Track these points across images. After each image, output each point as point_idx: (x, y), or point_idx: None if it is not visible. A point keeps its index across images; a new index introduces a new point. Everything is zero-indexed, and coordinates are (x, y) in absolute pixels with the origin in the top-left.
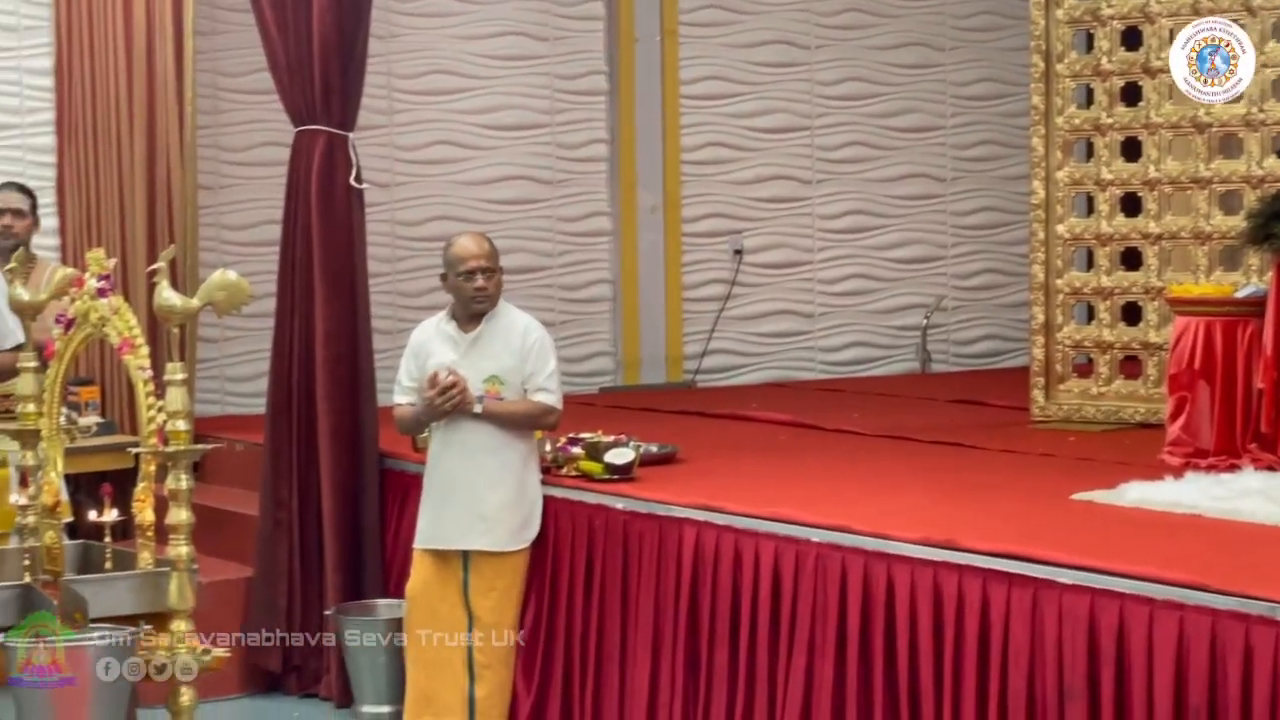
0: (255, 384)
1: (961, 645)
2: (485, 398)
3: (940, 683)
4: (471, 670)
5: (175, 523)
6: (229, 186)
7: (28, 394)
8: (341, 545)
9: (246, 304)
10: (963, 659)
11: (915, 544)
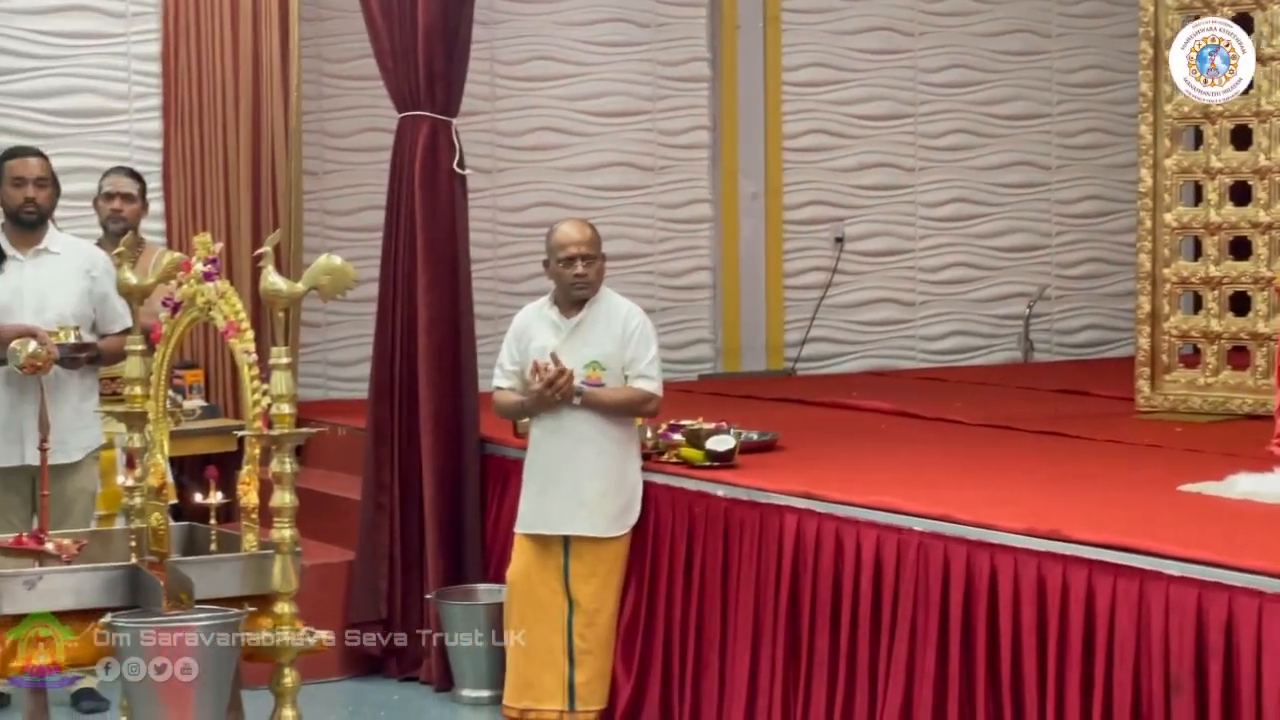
0: (358, 369)
1: (1066, 637)
2: (585, 385)
3: (1044, 675)
4: (572, 656)
5: (279, 506)
6: (333, 172)
7: (135, 377)
8: (442, 530)
9: (350, 289)
10: (1067, 651)
11: (1019, 534)
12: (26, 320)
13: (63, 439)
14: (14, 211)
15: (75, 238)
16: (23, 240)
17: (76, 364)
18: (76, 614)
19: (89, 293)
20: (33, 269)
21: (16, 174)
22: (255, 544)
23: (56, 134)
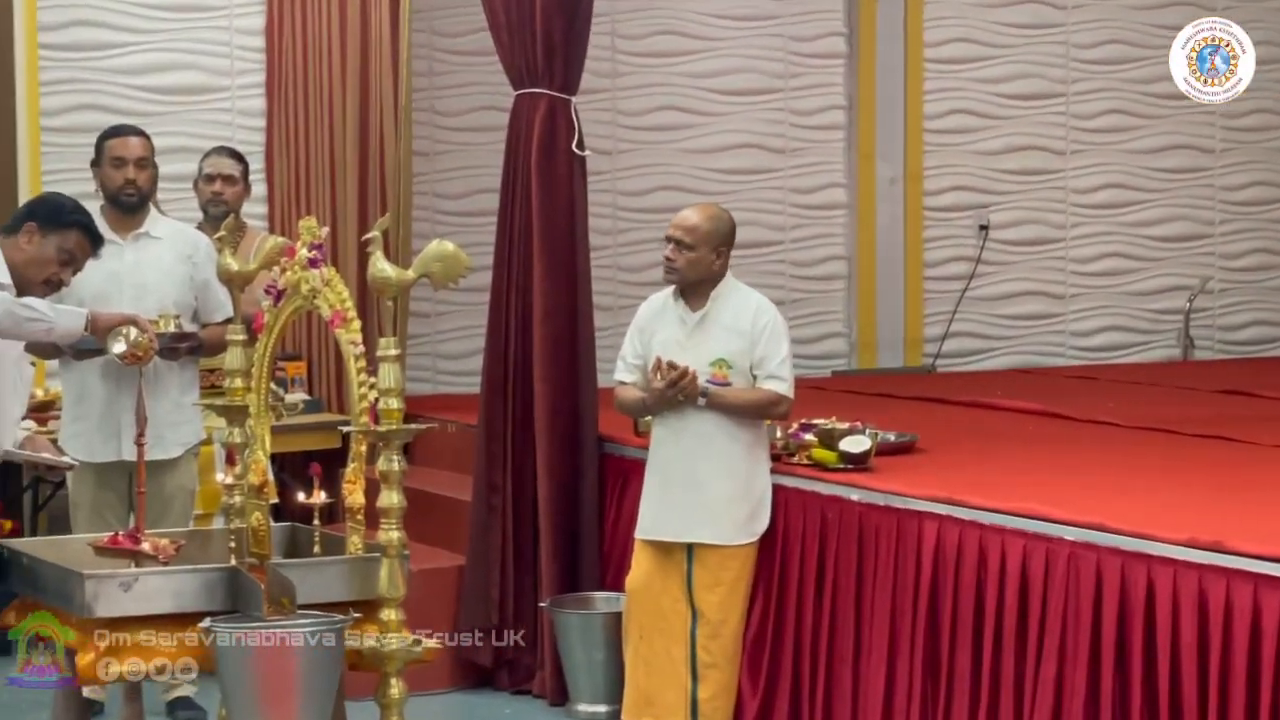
0: (469, 362)
1: (1229, 656)
2: (711, 384)
3: (1205, 696)
4: (694, 670)
5: (386, 506)
6: (444, 153)
7: (235, 369)
8: (557, 534)
9: (463, 276)
10: (1230, 670)
11: (1179, 545)
12: (125, 308)
13: (161, 434)
14: (114, 194)
15: (177, 221)
16: (122, 224)
17: (177, 355)
18: (173, 618)
19: (190, 279)
20: (132, 254)
21: (116, 154)
22: (361, 546)
23: (155, 112)
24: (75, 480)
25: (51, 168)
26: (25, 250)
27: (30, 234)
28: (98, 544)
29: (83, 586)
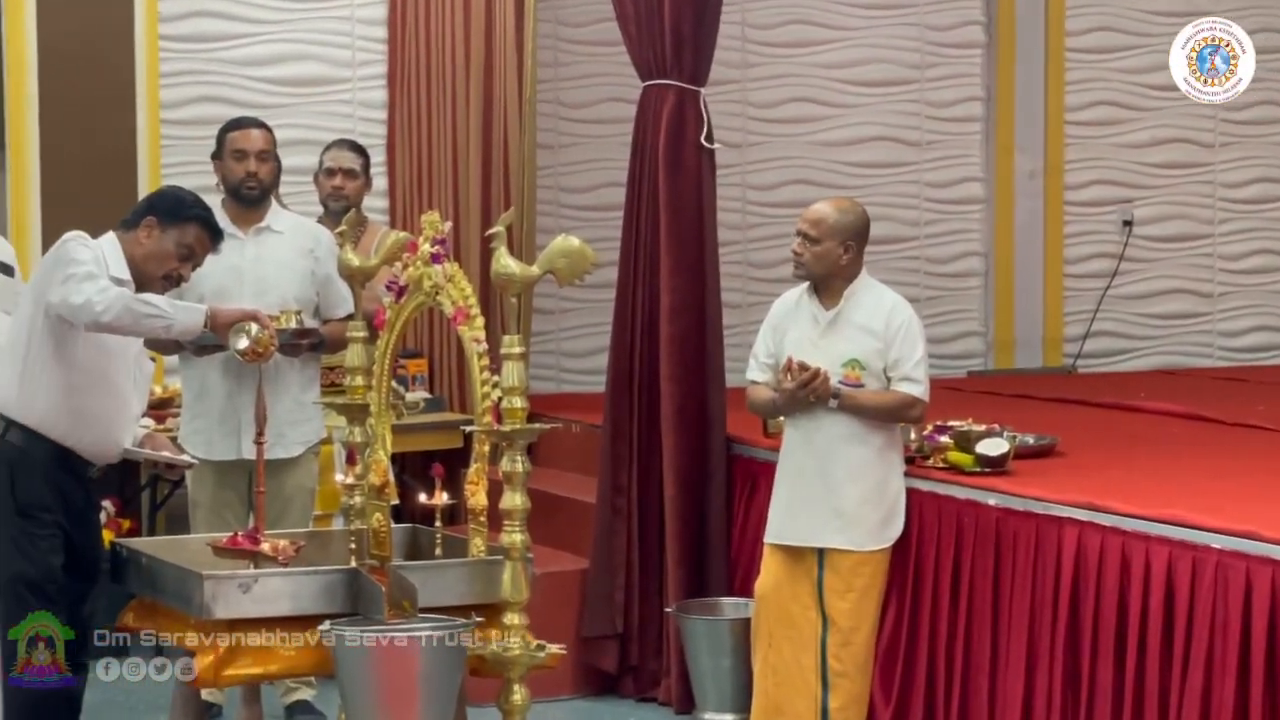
0: (594, 360)
1: None
2: (843, 385)
3: None
4: (825, 679)
5: (509, 508)
6: (569, 146)
7: (356, 366)
8: (684, 537)
9: (589, 273)
10: None
11: None
12: (245, 303)
13: (281, 432)
14: (235, 187)
15: (299, 215)
16: (243, 217)
17: (298, 351)
18: (293, 620)
19: (312, 275)
20: (253, 248)
21: (238, 146)
22: (483, 549)
23: (275, 104)
24: (194, 479)
25: (171, 161)
26: (144, 245)
27: (149, 228)
28: (216, 544)
29: (201, 588)
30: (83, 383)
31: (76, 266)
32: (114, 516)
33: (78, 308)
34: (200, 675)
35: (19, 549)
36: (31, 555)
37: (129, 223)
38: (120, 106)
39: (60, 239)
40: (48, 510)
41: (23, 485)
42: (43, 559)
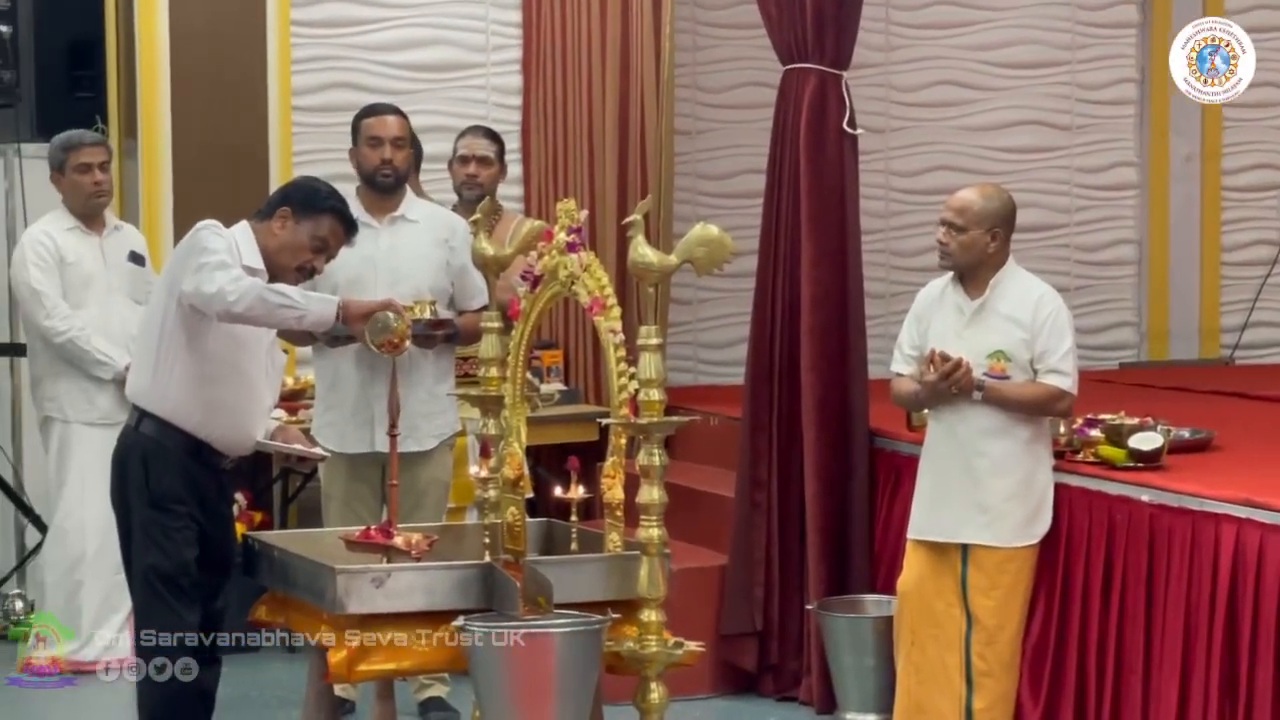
0: (732, 351)
1: None
2: (987, 378)
3: None
4: (970, 678)
5: (646, 502)
6: (707, 131)
7: (490, 357)
8: (825, 533)
9: (727, 262)
10: None
11: None
12: (379, 294)
13: (415, 424)
14: (369, 174)
15: (434, 204)
16: (378, 206)
17: (432, 343)
18: (426, 615)
19: (447, 264)
20: (388, 237)
21: (373, 133)
22: (620, 544)
23: (408, 90)
24: (327, 472)
25: (302, 148)
26: (278, 236)
27: (284, 219)
28: (349, 538)
29: (334, 582)
30: (215, 373)
31: (209, 255)
32: (246, 509)
33: (210, 297)
34: (333, 671)
35: (153, 541)
36: (165, 548)
37: (263, 213)
38: (251, 94)
39: (193, 228)
40: (181, 502)
41: (156, 477)
42: (177, 551)
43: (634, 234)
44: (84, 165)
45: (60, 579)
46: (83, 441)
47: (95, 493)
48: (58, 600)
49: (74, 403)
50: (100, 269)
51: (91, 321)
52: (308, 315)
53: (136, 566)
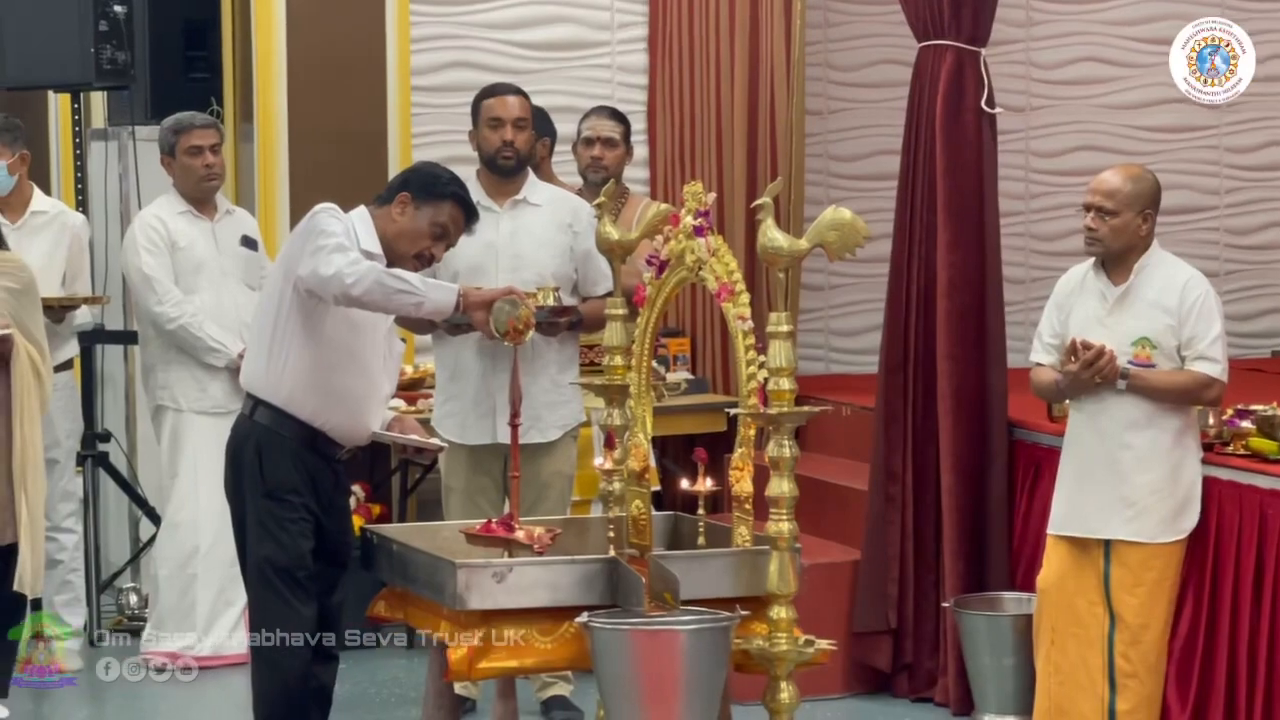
0: (865, 339)
1: None
2: (1132, 365)
3: None
4: (1113, 679)
5: (776, 495)
6: (840, 111)
7: (615, 345)
8: (962, 527)
9: (860, 246)
10: None
11: None
12: (500, 280)
13: (538, 414)
14: (490, 157)
15: (557, 187)
16: (499, 189)
17: (556, 330)
18: (549, 611)
19: (570, 250)
20: (509, 222)
21: (494, 114)
22: (749, 538)
23: (531, 69)
24: (448, 463)
25: (422, 130)
26: (397, 222)
27: (403, 205)
28: (470, 531)
29: (455, 577)
30: (331, 360)
31: (326, 238)
32: (364, 502)
33: (327, 279)
34: (453, 669)
35: (267, 532)
36: (280, 539)
37: (382, 198)
38: (370, 74)
39: (310, 211)
40: (296, 493)
41: (270, 466)
42: (292, 543)
43: (763, 217)
44: (194, 148)
45: (174, 573)
46: (195, 431)
47: (208, 484)
48: (171, 595)
49: (186, 391)
50: (212, 254)
51: (204, 307)
52: (426, 302)
53: (251, 559)
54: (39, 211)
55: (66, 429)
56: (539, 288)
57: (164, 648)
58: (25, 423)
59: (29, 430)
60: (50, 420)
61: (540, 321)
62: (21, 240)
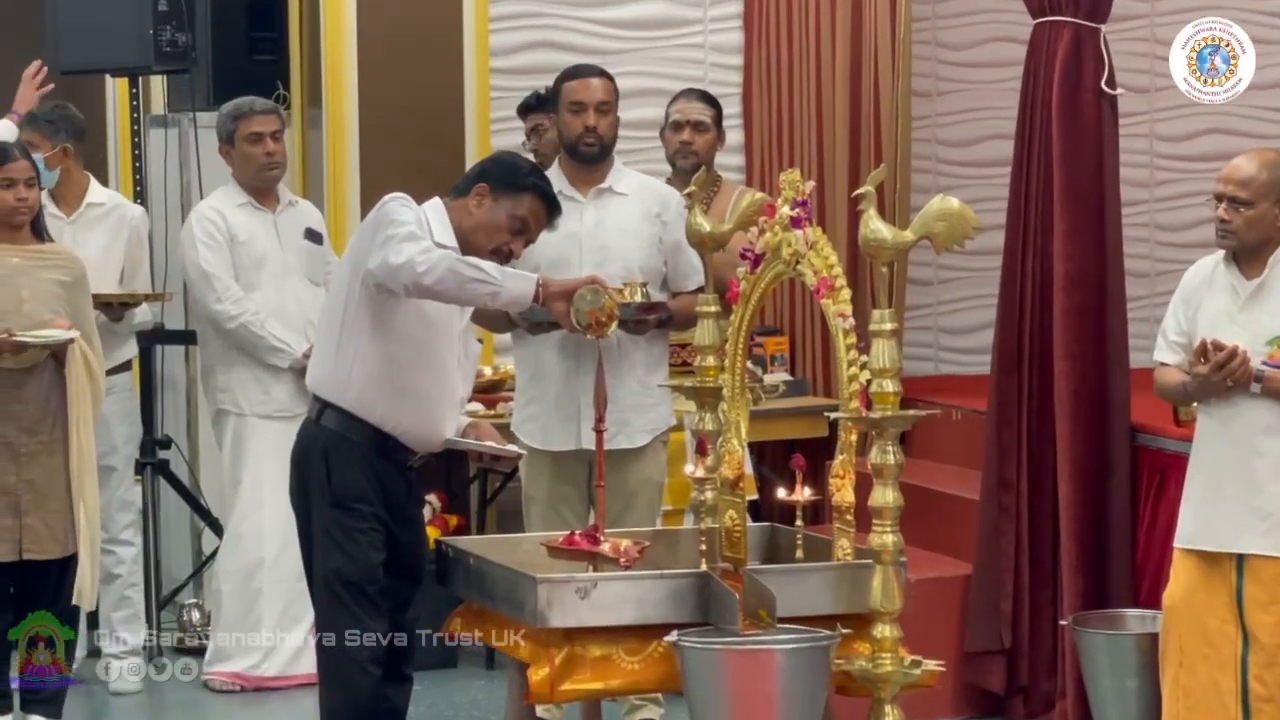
0: (976, 337)
1: None
2: (1267, 367)
3: None
4: (1246, 704)
5: (880, 505)
6: (948, 93)
7: (707, 344)
8: (1081, 539)
9: (970, 238)
10: None
11: None
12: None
13: (625, 419)
14: (572, 143)
15: (644, 175)
16: (582, 178)
17: (644, 328)
18: (636, 630)
19: (659, 241)
20: (594, 213)
21: (576, 98)
22: (850, 551)
23: (616, 49)
24: (529, 471)
25: (501, 114)
26: (474, 215)
27: (481, 197)
28: (551, 544)
29: (535, 592)
30: (402, 358)
31: (397, 227)
32: (440, 513)
33: (397, 268)
34: (534, 690)
35: (335, 543)
36: (349, 550)
37: (459, 189)
38: (446, 55)
39: (379, 202)
40: (366, 502)
41: (339, 474)
42: (362, 554)
43: (866, 207)
44: (254, 135)
45: (238, 588)
46: (258, 436)
47: (273, 492)
48: (235, 610)
49: (248, 394)
50: (274, 248)
51: (265, 305)
52: (503, 292)
53: (318, 571)
54: (95, 204)
55: (124, 434)
56: (625, 282)
57: (228, 667)
58: (81, 427)
59: (84, 435)
60: (106, 425)
61: (626, 319)
62: (77, 234)
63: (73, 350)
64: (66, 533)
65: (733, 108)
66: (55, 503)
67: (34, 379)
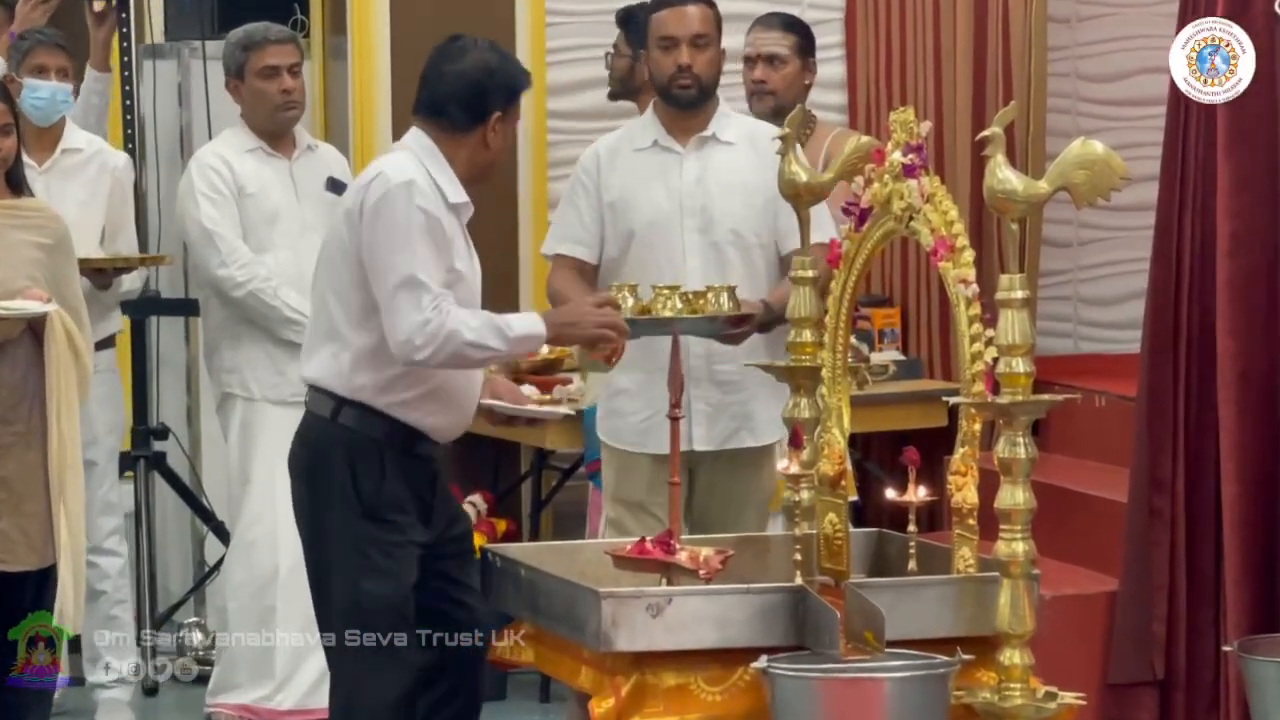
0: (1124, 309)
1: None
2: None
3: None
4: None
5: (1009, 508)
6: (1091, 19)
7: (804, 317)
8: (1250, 551)
9: (1117, 190)
10: None
11: None
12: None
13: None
14: (664, 85)
15: (747, 117)
16: (680, 125)
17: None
18: (718, 654)
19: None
20: (695, 165)
21: (667, 31)
22: (973, 562)
23: None
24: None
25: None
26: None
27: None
28: (619, 553)
29: (599, 610)
30: None
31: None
32: (486, 516)
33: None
34: None
35: (369, 561)
36: (386, 568)
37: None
38: None
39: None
40: (401, 510)
41: (365, 479)
42: (404, 574)
43: (992, 153)
44: (269, 68)
45: (247, 604)
46: (271, 425)
47: (289, 492)
48: (244, 630)
49: (259, 375)
50: (290, 201)
51: (279, 269)
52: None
53: (345, 591)
54: (72, 149)
55: (107, 423)
56: (709, 287)
57: (235, 699)
58: (63, 416)
59: (67, 425)
60: (86, 413)
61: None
62: (51, 185)
63: (52, 325)
64: (45, 541)
65: (832, 35)
66: (32, 504)
67: (6, 358)
